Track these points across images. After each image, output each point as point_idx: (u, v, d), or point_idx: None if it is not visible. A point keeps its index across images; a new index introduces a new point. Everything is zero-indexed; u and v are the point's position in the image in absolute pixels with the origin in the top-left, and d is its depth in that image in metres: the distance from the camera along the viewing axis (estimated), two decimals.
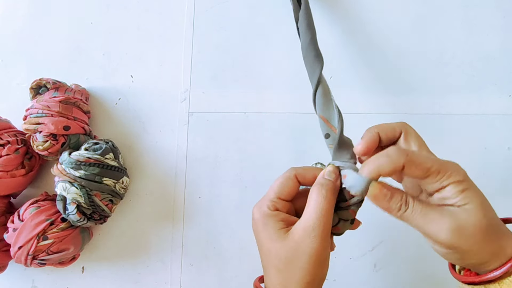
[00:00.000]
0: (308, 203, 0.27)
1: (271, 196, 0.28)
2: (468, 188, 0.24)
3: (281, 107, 0.46)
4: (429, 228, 0.24)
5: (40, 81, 0.43)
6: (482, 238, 0.24)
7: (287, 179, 0.29)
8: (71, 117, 0.42)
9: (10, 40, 0.50)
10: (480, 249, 0.24)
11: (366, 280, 0.44)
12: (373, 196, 0.25)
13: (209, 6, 0.48)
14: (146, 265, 0.45)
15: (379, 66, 0.46)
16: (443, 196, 0.25)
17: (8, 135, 0.42)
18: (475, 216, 0.24)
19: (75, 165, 0.39)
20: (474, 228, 0.24)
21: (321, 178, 0.28)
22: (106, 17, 0.49)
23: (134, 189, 0.46)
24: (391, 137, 0.28)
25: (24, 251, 0.39)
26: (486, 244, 0.24)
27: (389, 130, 0.27)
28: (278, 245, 0.27)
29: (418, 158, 0.24)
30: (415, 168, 0.24)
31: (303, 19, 0.36)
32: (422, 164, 0.24)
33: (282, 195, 0.28)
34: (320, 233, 0.26)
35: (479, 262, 0.25)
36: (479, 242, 0.24)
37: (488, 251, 0.24)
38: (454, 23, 0.47)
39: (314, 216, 0.26)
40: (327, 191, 0.27)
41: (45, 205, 0.41)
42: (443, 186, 0.24)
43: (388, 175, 0.25)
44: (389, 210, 0.25)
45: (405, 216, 0.25)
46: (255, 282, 0.30)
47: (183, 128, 0.47)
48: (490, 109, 0.45)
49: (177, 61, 0.48)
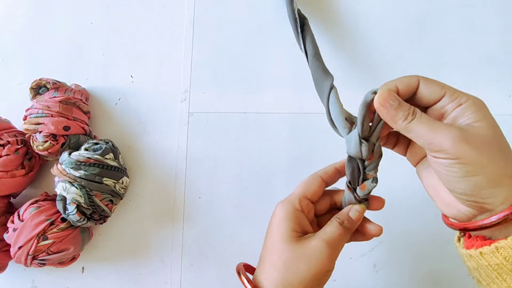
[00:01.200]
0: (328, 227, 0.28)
1: (297, 194, 0.29)
2: (481, 111, 0.23)
3: (281, 107, 0.46)
4: (435, 137, 0.23)
5: (40, 81, 0.43)
6: (491, 152, 0.22)
7: (312, 178, 0.30)
8: (71, 117, 0.42)
9: (10, 40, 0.50)
10: (490, 163, 0.22)
11: (366, 280, 0.44)
12: (382, 99, 0.24)
13: (209, 6, 0.48)
14: (146, 265, 0.45)
15: (378, 66, 0.47)
16: (456, 115, 0.24)
17: (8, 135, 0.42)
18: (484, 131, 0.23)
19: (75, 165, 0.39)
20: (482, 139, 0.22)
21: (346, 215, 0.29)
22: (106, 18, 0.49)
23: (134, 189, 0.46)
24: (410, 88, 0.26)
25: (24, 251, 0.39)
26: (497, 160, 0.22)
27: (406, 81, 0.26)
28: (286, 246, 0.27)
29: (432, 79, 0.25)
30: (431, 83, 0.24)
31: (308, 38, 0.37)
32: (438, 82, 0.24)
33: (308, 193, 0.29)
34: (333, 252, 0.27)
35: (489, 182, 0.22)
36: (488, 154, 0.22)
37: (499, 170, 0.22)
38: (454, 23, 0.47)
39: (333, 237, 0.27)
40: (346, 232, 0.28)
41: (45, 205, 0.41)
42: (460, 103, 0.24)
43: (402, 89, 0.25)
44: (395, 120, 0.24)
45: (411, 126, 0.24)
46: (239, 267, 0.30)
47: (183, 128, 0.47)
48: (490, 109, 0.45)
49: (177, 61, 0.48)
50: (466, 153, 0.22)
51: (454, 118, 0.24)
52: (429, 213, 0.44)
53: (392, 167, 0.37)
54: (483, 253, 0.23)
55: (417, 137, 0.24)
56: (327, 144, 0.45)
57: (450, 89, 0.24)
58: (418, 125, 0.24)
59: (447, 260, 0.43)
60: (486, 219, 0.23)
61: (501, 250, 0.22)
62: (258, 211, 0.45)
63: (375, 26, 0.47)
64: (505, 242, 0.22)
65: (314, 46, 0.36)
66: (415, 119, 0.24)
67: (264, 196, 0.45)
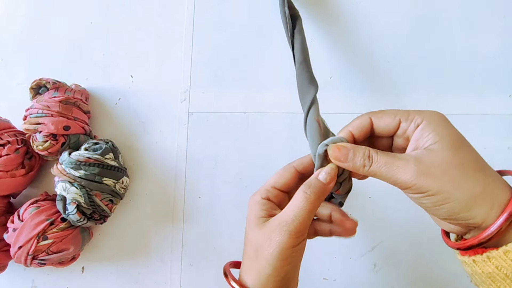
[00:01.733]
0: (292, 200, 0.26)
1: (266, 185, 0.29)
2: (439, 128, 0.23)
3: (280, 107, 0.46)
4: (397, 177, 0.23)
5: (40, 81, 0.43)
6: (454, 177, 0.22)
7: (285, 170, 0.29)
8: (71, 117, 0.42)
9: (10, 40, 0.50)
10: (457, 189, 0.22)
11: (366, 280, 0.44)
12: (334, 157, 0.25)
13: (209, 6, 0.48)
14: (146, 265, 0.45)
15: (378, 66, 0.46)
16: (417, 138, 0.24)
17: (8, 135, 0.42)
18: (442, 154, 0.23)
19: (75, 165, 0.39)
20: (441, 166, 0.22)
21: (313, 178, 0.27)
22: (106, 18, 0.49)
23: (134, 189, 0.46)
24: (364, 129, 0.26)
25: (24, 251, 0.39)
26: (462, 184, 0.22)
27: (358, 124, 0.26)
28: (255, 233, 0.27)
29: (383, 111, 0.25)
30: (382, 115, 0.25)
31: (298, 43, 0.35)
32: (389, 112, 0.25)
33: (277, 184, 0.29)
34: (292, 230, 0.25)
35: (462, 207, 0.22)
36: (451, 181, 0.22)
37: (468, 193, 0.22)
38: (454, 23, 0.47)
39: (291, 214, 0.26)
40: (314, 194, 0.26)
41: (45, 205, 0.41)
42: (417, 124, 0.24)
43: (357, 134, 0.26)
44: (357, 169, 0.25)
45: (372, 171, 0.24)
46: (226, 267, 0.29)
47: (183, 128, 0.47)
48: (490, 109, 0.45)
49: (177, 61, 0.48)
50: (430, 186, 0.22)
51: (416, 141, 0.24)
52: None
53: None
54: (476, 261, 0.23)
55: (382, 179, 0.24)
56: None
57: (403, 113, 0.25)
58: (379, 169, 0.24)
59: (447, 261, 0.43)
60: (475, 238, 0.23)
61: (492, 260, 0.22)
62: None
63: (374, 26, 0.47)
64: (496, 253, 0.22)
65: (303, 52, 0.34)
66: (373, 164, 0.24)
67: None
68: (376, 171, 0.24)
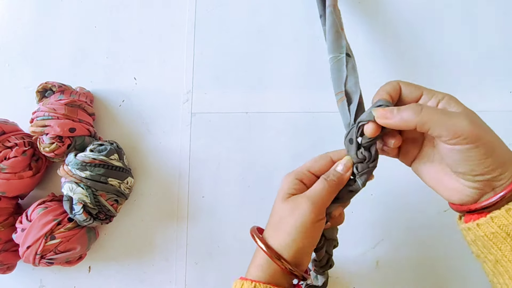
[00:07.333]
0: (315, 184, 0.30)
1: (303, 167, 0.31)
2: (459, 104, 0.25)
3: (283, 106, 0.47)
4: (452, 123, 0.23)
5: (46, 84, 0.44)
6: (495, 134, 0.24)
7: (321, 157, 0.31)
8: (77, 119, 0.43)
9: (16, 45, 0.51)
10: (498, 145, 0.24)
11: (369, 277, 0.44)
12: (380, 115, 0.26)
13: (210, 8, 0.49)
14: (151, 264, 0.46)
15: (378, 66, 0.47)
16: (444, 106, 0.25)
17: (15, 137, 0.43)
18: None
19: (81, 166, 0.40)
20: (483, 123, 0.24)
21: (333, 170, 0.30)
22: (110, 21, 0.50)
23: (138, 189, 0.47)
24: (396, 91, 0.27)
25: (33, 251, 0.40)
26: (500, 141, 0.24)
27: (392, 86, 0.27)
28: (281, 206, 0.29)
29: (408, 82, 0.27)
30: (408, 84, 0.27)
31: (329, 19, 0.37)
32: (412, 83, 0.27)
33: (312, 168, 0.31)
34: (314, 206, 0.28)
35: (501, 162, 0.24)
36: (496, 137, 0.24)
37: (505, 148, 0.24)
38: (454, 19, 0.47)
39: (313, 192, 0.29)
40: (333, 180, 0.29)
41: (52, 206, 0.42)
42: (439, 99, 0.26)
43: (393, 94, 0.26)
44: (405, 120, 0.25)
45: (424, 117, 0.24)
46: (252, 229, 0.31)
47: (186, 128, 0.47)
48: (491, 105, 0.45)
49: (179, 63, 0.48)
50: (482, 135, 0.23)
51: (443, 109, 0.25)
52: (431, 210, 0.44)
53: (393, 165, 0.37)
54: (479, 224, 0.24)
55: (434, 126, 0.24)
56: (329, 143, 0.46)
57: (425, 88, 0.27)
58: (431, 114, 0.24)
59: (450, 257, 0.43)
60: (487, 200, 0.24)
61: (495, 219, 0.24)
62: (262, 210, 0.46)
63: (374, 26, 0.47)
64: (499, 212, 0.24)
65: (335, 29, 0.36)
66: (424, 109, 0.24)
67: (267, 195, 0.46)
68: (430, 115, 0.24)
